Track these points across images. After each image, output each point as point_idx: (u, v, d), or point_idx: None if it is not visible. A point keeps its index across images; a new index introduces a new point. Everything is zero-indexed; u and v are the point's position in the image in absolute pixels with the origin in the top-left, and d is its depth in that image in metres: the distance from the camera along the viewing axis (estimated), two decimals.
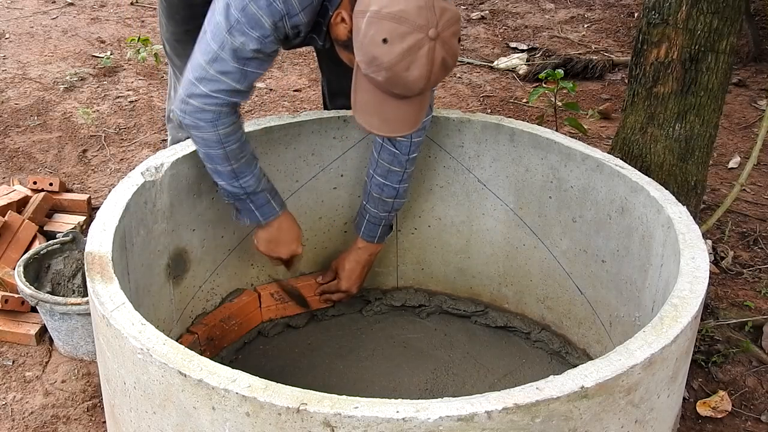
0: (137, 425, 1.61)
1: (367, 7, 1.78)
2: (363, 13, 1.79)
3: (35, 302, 2.46)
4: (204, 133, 2.02)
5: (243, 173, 2.10)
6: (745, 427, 2.37)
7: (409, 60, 1.75)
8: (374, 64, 1.78)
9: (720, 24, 2.28)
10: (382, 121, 1.89)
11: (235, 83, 1.96)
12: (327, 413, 1.35)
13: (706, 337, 2.64)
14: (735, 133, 4.17)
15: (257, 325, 2.57)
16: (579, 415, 1.45)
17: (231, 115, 2.02)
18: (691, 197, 2.51)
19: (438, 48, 1.75)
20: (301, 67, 4.86)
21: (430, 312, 2.70)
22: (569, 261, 2.41)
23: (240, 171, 2.09)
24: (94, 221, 1.89)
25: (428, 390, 2.41)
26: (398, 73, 1.77)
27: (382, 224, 2.41)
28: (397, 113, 1.88)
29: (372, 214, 2.39)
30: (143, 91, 4.40)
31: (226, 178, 2.10)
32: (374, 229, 2.42)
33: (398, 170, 2.31)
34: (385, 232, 2.45)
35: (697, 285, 1.73)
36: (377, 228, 2.42)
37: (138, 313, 1.59)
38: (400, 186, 2.35)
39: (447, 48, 1.78)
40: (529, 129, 2.39)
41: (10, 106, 4.11)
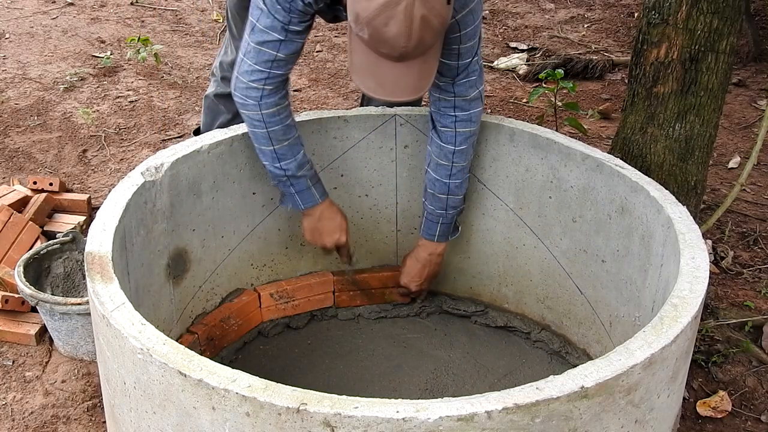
0: (137, 425, 1.61)
1: None
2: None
3: (35, 302, 2.46)
4: (250, 111, 2.15)
5: (285, 156, 2.19)
6: (745, 427, 2.37)
7: (387, 15, 1.76)
8: (357, 21, 1.82)
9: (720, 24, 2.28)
10: (378, 84, 1.91)
11: (274, 51, 2.07)
12: (327, 413, 1.35)
13: (706, 337, 2.64)
14: (735, 133, 4.17)
15: (257, 325, 2.57)
16: (579, 415, 1.45)
17: (274, 96, 2.13)
18: (691, 197, 2.51)
19: (417, 5, 1.74)
20: (301, 67, 4.86)
21: (430, 312, 2.70)
22: (569, 261, 2.41)
23: (282, 154, 2.19)
24: (94, 221, 1.89)
25: (428, 390, 2.41)
26: (377, 28, 1.78)
27: (440, 222, 2.38)
28: (393, 77, 1.88)
29: (429, 211, 2.38)
30: (143, 91, 4.39)
31: (268, 158, 2.20)
32: (432, 227, 2.39)
33: (446, 164, 2.28)
34: (445, 231, 2.40)
35: (697, 285, 1.73)
36: (435, 226, 2.39)
37: (138, 313, 1.59)
38: (451, 182, 2.30)
39: (429, 6, 1.76)
40: (529, 129, 2.39)
41: (10, 106, 4.11)
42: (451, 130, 2.25)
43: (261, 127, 2.16)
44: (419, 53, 1.85)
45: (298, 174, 2.23)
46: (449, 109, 2.23)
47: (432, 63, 1.93)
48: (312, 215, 2.33)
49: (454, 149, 2.26)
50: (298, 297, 2.60)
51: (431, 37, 1.83)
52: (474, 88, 2.22)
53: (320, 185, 2.32)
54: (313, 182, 2.29)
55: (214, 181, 2.31)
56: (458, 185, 2.32)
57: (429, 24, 1.78)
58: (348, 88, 4.59)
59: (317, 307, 2.64)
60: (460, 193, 2.35)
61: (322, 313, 2.66)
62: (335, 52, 5.11)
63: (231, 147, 2.31)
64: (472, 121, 2.26)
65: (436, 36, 1.85)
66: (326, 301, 2.65)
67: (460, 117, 2.24)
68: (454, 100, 2.22)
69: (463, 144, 2.26)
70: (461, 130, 2.25)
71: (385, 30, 1.78)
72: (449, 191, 2.32)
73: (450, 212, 2.36)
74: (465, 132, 2.26)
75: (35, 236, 2.88)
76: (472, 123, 2.26)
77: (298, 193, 2.28)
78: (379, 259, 2.69)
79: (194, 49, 5.05)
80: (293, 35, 2.08)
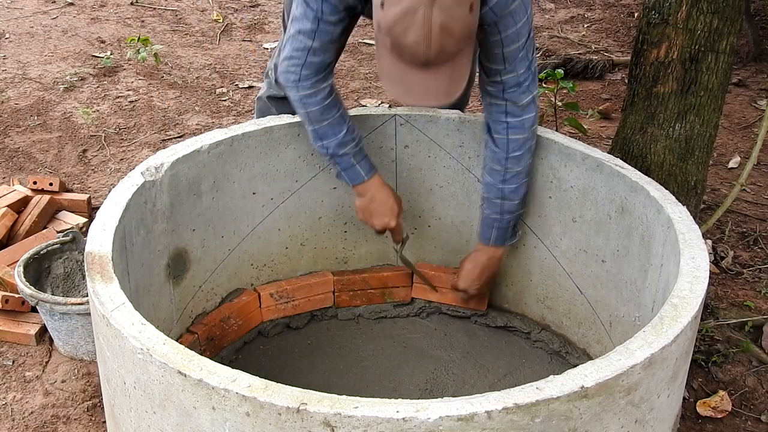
0: (137, 425, 1.61)
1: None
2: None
3: (35, 302, 2.46)
4: (290, 93, 2.23)
5: (325, 135, 2.25)
6: (745, 427, 2.37)
7: (405, 24, 1.76)
8: (379, 29, 1.83)
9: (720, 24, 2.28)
10: (406, 90, 1.91)
11: (309, 40, 2.12)
12: (327, 413, 1.35)
13: (706, 337, 2.65)
14: (735, 133, 4.17)
15: (257, 325, 2.57)
16: (579, 415, 1.45)
17: (311, 79, 2.18)
18: (691, 197, 2.51)
19: (436, 12, 1.74)
20: None
21: (430, 312, 2.70)
22: (569, 261, 2.41)
23: (322, 132, 2.25)
24: (94, 221, 1.89)
25: (428, 390, 2.41)
26: (396, 37, 1.79)
27: (495, 226, 2.34)
28: (421, 83, 1.87)
29: (485, 215, 2.35)
30: (143, 91, 4.39)
31: (312, 137, 2.28)
32: (488, 231, 2.36)
33: (499, 169, 2.25)
34: (502, 235, 2.36)
35: (697, 285, 1.73)
36: (491, 230, 2.35)
37: (138, 313, 1.59)
38: (505, 186, 2.27)
39: (448, 13, 1.75)
40: None
41: (10, 106, 4.11)
42: (503, 137, 2.21)
43: (300, 107, 2.24)
44: (444, 60, 1.83)
45: (339, 152, 2.26)
46: (501, 115, 2.20)
47: (463, 68, 1.90)
48: (362, 195, 2.34)
49: (507, 155, 2.23)
50: (298, 297, 2.60)
51: (453, 44, 1.81)
52: (526, 94, 2.17)
53: (366, 163, 2.31)
54: (357, 160, 2.29)
55: (214, 181, 2.31)
56: (513, 190, 2.28)
57: (449, 31, 1.77)
58: (348, 88, 4.59)
59: (317, 307, 2.64)
60: (516, 198, 2.30)
61: (322, 313, 2.66)
62: None
63: (231, 147, 2.32)
64: (525, 127, 2.21)
65: (459, 43, 1.82)
66: (326, 301, 2.65)
67: (512, 123, 2.20)
68: (506, 106, 2.18)
69: (516, 150, 2.23)
70: (513, 137, 2.21)
71: (405, 38, 1.78)
72: (503, 196, 2.29)
73: (506, 217, 2.32)
74: (518, 139, 2.21)
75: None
76: (525, 130, 2.21)
77: (343, 171, 2.31)
78: (379, 259, 2.69)
79: (194, 49, 5.05)
80: (326, 25, 2.10)
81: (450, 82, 1.89)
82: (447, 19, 1.76)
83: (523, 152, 2.24)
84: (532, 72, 2.16)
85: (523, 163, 2.26)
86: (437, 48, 1.79)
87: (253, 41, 5.25)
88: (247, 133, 2.34)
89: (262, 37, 5.33)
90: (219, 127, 3.79)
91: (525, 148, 2.24)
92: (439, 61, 1.83)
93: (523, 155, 2.24)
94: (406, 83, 1.89)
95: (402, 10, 1.76)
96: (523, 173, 2.28)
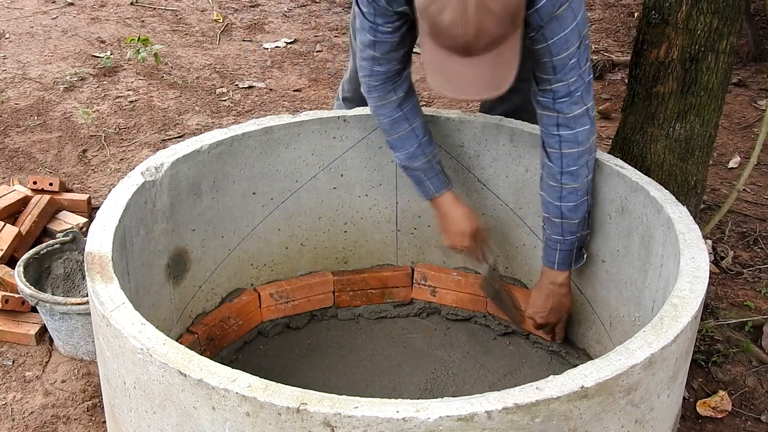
0: (137, 425, 1.61)
1: None
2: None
3: (35, 302, 2.46)
4: (368, 104, 2.29)
5: (396, 147, 2.28)
6: (745, 427, 2.37)
7: (441, 3, 1.69)
8: (418, 13, 1.77)
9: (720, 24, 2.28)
10: (446, 80, 1.80)
11: (371, 50, 2.14)
12: (327, 413, 1.35)
13: (706, 337, 2.64)
14: (735, 133, 4.17)
15: (257, 325, 2.57)
16: (579, 415, 1.45)
17: (380, 90, 2.20)
18: (691, 197, 2.51)
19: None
20: (301, 67, 4.87)
21: (430, 312, 2.70)
22: None
23: (393, 144, 2.28)
24: (94, 221, 1.89)
25: (428, 390, 2.41)
26: (432, 17, 1.72)
27: (558, 249, 2.21)
28: (462, 73, 1.77)
29: (547, 236, 2.23)
30: (143, 91, 4.39)
31: (388, 147, 2.32)
32: (551, 253, 2.23)
33: (555, 185, 2.14)
34: (566, 258, 2.22)
35: (697, 285, 1.73)
36: (554, 252, 2.22)
37: (138, 313, 1.59)
38: (562, 204, 2.14)
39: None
40: (529, 129, 2.39)
41: (10, 106, 4.11)
42: (557, 151, 2.10)
43: (374, 118, 2.30)
44: (486, 46, 1.72)
45: (409, 165, 2.27)
46: (553, 127, 2.09)
47: (509, 58, 1.78)
48: (437, 210, 2.34)
49: (561, 170, 2.11)
50: (298, 297, 2.60)
51: (493, 25, 1.69)
52: (578, 105, 2.05)
53: (438, 179, 2.29)
54: (428, 176, 2.28)
55: (214, 181, 2.31)
56: (571, 209, 2.15)
57: (488, 10, 1.66)
58: None
59: (317, 307, 2.64)
60: (576, 217, 2.17)
61: (322, 313, 2.66)
62: (335, 52, 5.12)
63: (231, 147, 2.32)
64: (579, 141, 2.08)
65: (500, 24, 1.70)
66: (326, 301, 2.65)
67: (565, 137, 2.08)
68: (557, 118, 2.07)
69: (571, 165, 2.10)
70: (567, 151, 2.09)
71: (440, 19, 1.70)
72: (563, 215, 2.16)
73: (568, 238, 2.19)
74: (572, 153, 2.09)
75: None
76: (579, 143, 2.08)
77: (414, 184, 2.32)
78: (379, 259, 2.69)
79: (194, 49, 5.05)
80: (383, 35, 2.09)
81: (494, 72, 1.77)
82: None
83: (579, 167, 2.11)
84: (584, 82, 2.04)
85: (580, 180, 2.13)
86: (475, 28, 1.68)
87: (253, 41, 5.25)
88: (247, 133, 2.34)
89: (262, 37, 5.33)
90: (219, 127, 3.79)
91: (581, 163, 2.10)
92: (479, 46, 1.72)
93: (579, 171, 2.11)
94: (446, 73, 1.79)
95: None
96: (581, 190, 2.14)
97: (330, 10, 5.87)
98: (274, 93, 4.50)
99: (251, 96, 4.43)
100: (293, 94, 4.49)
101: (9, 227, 2.87)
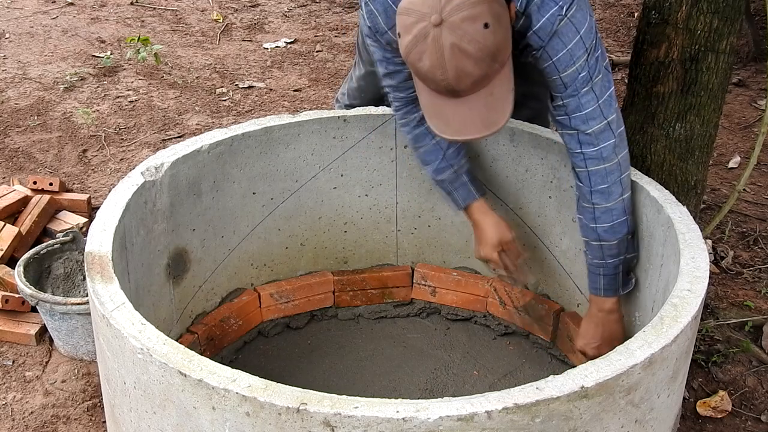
0: (137, 425, 1.61)
1: None
2: None
3: (35, 302, 2.46)
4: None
5: (424, 161, 2.30)
6: (745, 427, 2.37)
7: (419, 49, 1.73)
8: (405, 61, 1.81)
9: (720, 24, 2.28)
10: (443, 123, 1.84)
11: (390, 80, 2.19)
12: (327, 413, 1.35)
13: (706, 337, 2.64)
14: (735, 133, 4.17)
15: (257, 325, 2.57)
16: (579, 414, 1.45)
17: (401, 109, 2.24)
18: (691, 197, 2.50)
19: (445, 34, 1.68)
20: (301, 67, 4.87)
21: (430, 312, 2.70)
22: (569, 261, 2.41)
23: (420, 158, 2.31)
24: (94, 221, 1.89)
25: (428, 390, 2.41)
26: (414, 64, 1.76)
27: (601, 274, 2.11)
28: (457, 115, 1.80)
29: (588, 261, 2.15)
30: (143, 91, 4.39)
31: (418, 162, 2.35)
32: (596, 279, 2.13)
33: (587, 206, 2.07)
34: (611, 283, 2.12)
35: (697, 285, 1.73)
36: (598, 278, 2.13)
37: (138, 313, 1.59)
38: (598, 226, 2.06)
39: (458, 33, 1.68)
40: (529, 129, 2.39)
41: (10, 106, 4.11)
42: (584, 170, 2.03)
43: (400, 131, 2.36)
44: (471, 87, 1.75)
45: (436, 178, 2.29)
46: (576, 145, 2.03)
47: (502, 95, 1.79)
48: (470, 221, 2.33)
49: (591, 189, 2.04)
50: (298, 297, 2.60)
51: (472, 66, 1.71)
52: (596, 120, 1.98)
53: (464, 190, 2.28)
54: (454, 187, 2.28)
55: (214, 181, 2.31)
56: (607, 230, 2.06)
57: (464, 51, 1.69)
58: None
59: (317, 307, 2.64)
60: (614, 239, 2.07)
61: (322, 313, 2.66)
62: (335, 52, 5.11)
63: (231, 147, 2.32)
64: (604, 157, 2.00)
65: (480, 65, 1.72)
66: (326, 301, 2.65)
67: (589, 154, 2.01)
68: (577, 135, 2.01)
69: (600, 183, 2.02)
70: (593, 169, 2.02)
71: (421, 65, 1.74)
72: (600, 238, 2.08)
73: (610, 261, 2.09)
74: (599, 170, 2.01)
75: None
76: (605, 159, 2.00)
77: (444, 196, 2.33)
78: (379, 259, 2.69)
79: (194, 49, 5.05)
80: (395, 66, 2.13)
81: (488, 110, 1.78)
82: (458, 39, 1.68)
83: (609, 185, 2.03)
84: (598, 96, 1.96)
85: (612, 199, 2.04)
86: (454, 71, 1.71)
87: (253, 41, 5.25)
88: (247, 133, 2.34)
89: (262, 37, 5.33)
90: (219, 127, 3.79)
91: (611, 180, 2.02)
92: (464, 88, 1.75)
93: (610, 188, 2.03)
94: (443, 116, 1.82)
95: (414, 37, 1.72)
96: (616, 210, 2.05)
97: (330, 10, 5.87)
98: (274, 93, 4.50)
99: (251, 96, 4.43)
100: (293, 94, 4.49)
101: (9, 227, 2.87)
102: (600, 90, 1.97)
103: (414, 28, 1.72)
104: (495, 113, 1.80)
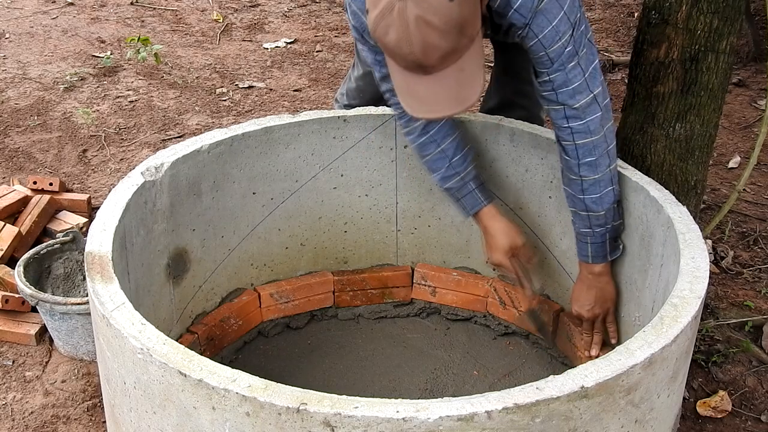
0: (137, 425, 1.61)
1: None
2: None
3: (35, 302, 2.46)
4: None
5: (429, 169, 2.30)
6: (745, 427, 2.37)
7: (385, 24, 1.71)
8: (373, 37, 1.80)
9: (720, 24, 2.28)
10: (416, 102, 1.81)
11: (387, 84, 2.14)
12: (327, 413, 1.35)
13: (706, 337, 2.65)
14: (735, 133, 4.17)
15: (257, 325, 2.57)
16: (579, 414, 1.45)
17: (403, 117, 2.22)
18: (691, 197, 2.50)
19: (410, 6, 1.66)
20: (301, 67, 4.87)
21: (430, 312, 2.70)
22: (569, 261, 2.41)
23: (426, 166, 2.30)
24: (94, 221, 1.89)
25: (428, 390, 2.41)
26: (381, 39, 1.74)
27: (588, 242, 2.18)
28: (428, 92, 1.78)
29: (576, 230, 2.20)
30: (143, 91, 4.40)
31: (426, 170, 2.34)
32: (583, 247, 2.20)
33: (575, 179, 2.11)
34: (599, 251, 2.18)
35: (697, 285, 1.73)
36: (586, 246, 2.19)
37: (138, 313, 1.59)
38: (586, 197, 2.11)
39: (423, 6, 1.66)
40: (529, 129, 2.39)
41: (10, 106, 4.11)
42: (571, 143, 2.07)
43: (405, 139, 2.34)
44: (440, 61, 1.73)
45: (443, 186, 2.29)
46: (562, 120, 2.05)
47: (472, 70, 1.78)
48: (479, 227, 2.32)
49: (578, 162, 2.08)
50: (298, 297, 2.60)
51: (438, 38, 1.69)
52: (582, 94, 2.00)
53: (472, 197, 2.27)
54: (461, 194, 2.27)
55: (214, 181, 2.31)
56: (595, 200, 2.11)
57: (429, 24, 1.67)
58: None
59: (317, 307, 2.64)
60: (601, 209, 2.12)
61: (322, 313, 2.66)
62: (335, 52, 5.11)
63: (231, 147, 2.32)
64: (591, 130, 2.04)
65: (447, 37, 1.70)
66: (326, 301, 2.65)
67: (576, 128, 2.04)
68: (564, 110, 2.03)
69: (587, 156, 2.06)
70: (580, 142, 2.05)
71: (388, 39, 1.72)
72: (588, 208, 2.13)
73: (597, 230, 2.15)
74: (586, 144, 2.05)
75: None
76: (592, 132, 2.04)
77: (453, 203, 2.33)
78: (379, 259, 2.69)
79: (194, 49, 5.05)
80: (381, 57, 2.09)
81: (459, 86, 1.77)
82: (422, 11, 1.66)
83: (597, 157, 2.07)
84: (584, 70, 1.99)
85: (600, 170, 2.08)
86: (420, 44, 1.69)
87: (253, 41, 5.25)
88: (247, 133, 2.34)
89: (262, 37, 5.33)
90: (219, 127, 3.79)
91: (598, 152, 2.06)
92: (432, 62, 1.73)
93: (598, 161, 2.07)
94: (415, 95, 1.80)
95: (380, 11, 1.71)
96: (603, 181, 2.10)
97: (330, 10, 5.87)
98: (274, 93, 4.50)
99: (251, 96, 4.43)
100: (293, 94, 4.49)
101: (9, 227, 2.87)
102: (585, 63, 1.99)
103: (380, 2, 1.71)
104: (466, 89, 1.79)
